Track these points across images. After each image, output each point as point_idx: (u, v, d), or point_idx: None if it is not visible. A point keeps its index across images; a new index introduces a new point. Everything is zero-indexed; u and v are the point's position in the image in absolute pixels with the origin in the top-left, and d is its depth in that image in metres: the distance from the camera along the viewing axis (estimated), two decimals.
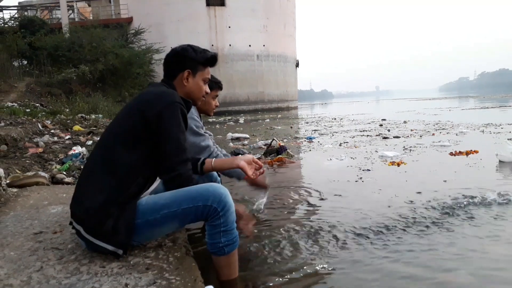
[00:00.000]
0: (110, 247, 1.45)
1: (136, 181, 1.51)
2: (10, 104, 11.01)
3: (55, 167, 4.28)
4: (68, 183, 3.55)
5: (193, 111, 2.38)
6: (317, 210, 2.77)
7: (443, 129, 8.01)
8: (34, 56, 17.47)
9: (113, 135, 1.57)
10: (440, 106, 19.91)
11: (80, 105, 13.72)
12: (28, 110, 10.51)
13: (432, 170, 3.91)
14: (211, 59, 1.73)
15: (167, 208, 1.49)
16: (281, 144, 5.19)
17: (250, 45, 27.12)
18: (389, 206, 2.71)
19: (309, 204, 2.92)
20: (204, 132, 2.44)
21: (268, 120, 15.40)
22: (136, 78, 18.76)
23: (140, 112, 1.52)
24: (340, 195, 3.10)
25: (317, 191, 3.27)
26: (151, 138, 1.51)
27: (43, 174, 3.41)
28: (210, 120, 15.99)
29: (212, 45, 26.13)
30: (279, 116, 19.04)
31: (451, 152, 4.86)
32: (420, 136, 6.91)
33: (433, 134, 7.12)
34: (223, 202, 1.48)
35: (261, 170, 1.79)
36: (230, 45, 26.42)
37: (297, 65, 32.82)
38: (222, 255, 1.54)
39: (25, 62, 18.64)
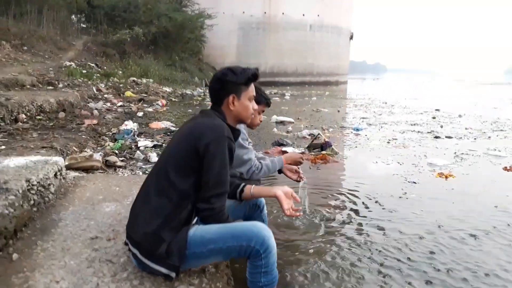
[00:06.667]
0: (164, 270, 1.55)
1: (187, 207, 1.59)
2: (68, 63, 11.56)
3: (108, 145, 4.52)
4: (120, 167, 3.76)
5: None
6: (356, 230, 2.77)
7: (501, 130, 7.49)
8: (92, 14, 18.03)
9: (168, 162, 1.64)
10: (502, 96, 18.37)
11: (133, 68, 14.15)
12: (84, 71, 11.01)
13: (483, 190, 3.72)
14: (252, 77, 1.75)
15: (213, 244, 1.56)
16: (326, 140, 5.14)
17: (303, 15, 26.39)
18: (434, 239, 2.66)
19: (348, 222, 2.92)
20: (248, 143, 2.47)
21: (314, 98, 15.17)
22: (187, 43, 18.96)
23: (192, 142, 1.58)
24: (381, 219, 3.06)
25: (362, 204, 3.26)
26: (201, 167, 1.57)
27: (97, 157, 3.62)
28: None
29: (265, 12, 25.65)
30: (327, 93, 18.67)
31: (505, 167, 4.56)
32: (475, 138, 6.56)
33: (489, 137, 6.73)
34: (265, 244, 1.55)
35: (299, 214, 1.82)
36: (283, 13, 25.84)
37: (351, 37, 31.68)
38: None
39: (83, 20, 19.26)
